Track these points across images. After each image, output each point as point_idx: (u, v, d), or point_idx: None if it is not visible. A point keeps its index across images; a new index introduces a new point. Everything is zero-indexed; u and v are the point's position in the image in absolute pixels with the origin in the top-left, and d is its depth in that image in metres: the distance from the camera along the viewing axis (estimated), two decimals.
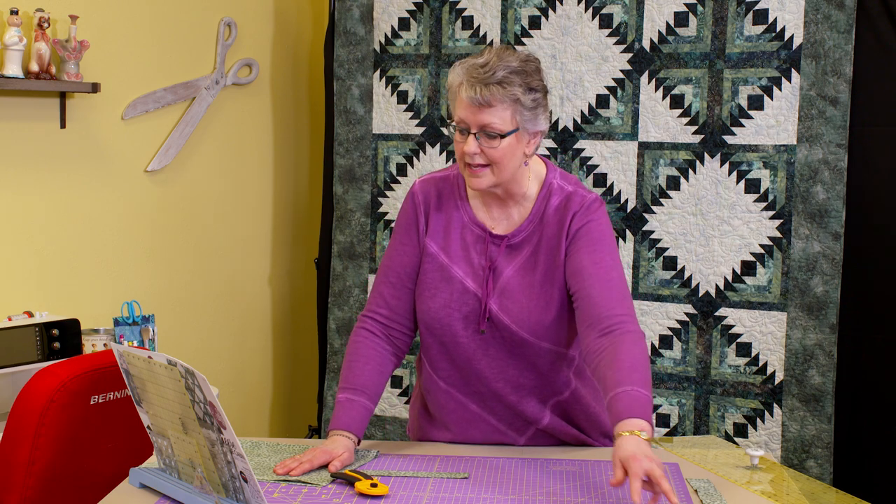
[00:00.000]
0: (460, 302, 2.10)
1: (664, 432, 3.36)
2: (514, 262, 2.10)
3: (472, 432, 2.18)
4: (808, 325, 3.16)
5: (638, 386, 1.85)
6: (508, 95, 1.96)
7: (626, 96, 3.35)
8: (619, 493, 1.87)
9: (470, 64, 1.99)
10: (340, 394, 2.11)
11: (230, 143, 3.90)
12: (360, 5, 3.71)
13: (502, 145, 1.98)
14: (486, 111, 1.96)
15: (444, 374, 2.16)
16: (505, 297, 2.08)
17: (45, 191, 3.23)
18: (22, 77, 3.02)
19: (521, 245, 2.10)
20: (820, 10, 3.09)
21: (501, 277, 2.09)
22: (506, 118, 1.97)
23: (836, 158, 3.10)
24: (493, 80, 1.95)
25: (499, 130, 1.97)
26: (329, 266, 3.82)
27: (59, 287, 3.29)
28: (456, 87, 2.00)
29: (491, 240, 2.11)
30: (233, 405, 3.89)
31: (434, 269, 2.13)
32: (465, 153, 1.99)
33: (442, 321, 2.10)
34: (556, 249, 2.07)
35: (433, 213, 2.15)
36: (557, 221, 2.08)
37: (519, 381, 2.13)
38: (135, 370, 1.86)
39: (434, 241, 2.14)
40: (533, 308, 2.07)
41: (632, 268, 3.37)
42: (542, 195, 2.10)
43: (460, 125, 1.99)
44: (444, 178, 2.18)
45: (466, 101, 1.97)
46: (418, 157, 3.67)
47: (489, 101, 1.95)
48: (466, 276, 2.10)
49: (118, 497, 1.89)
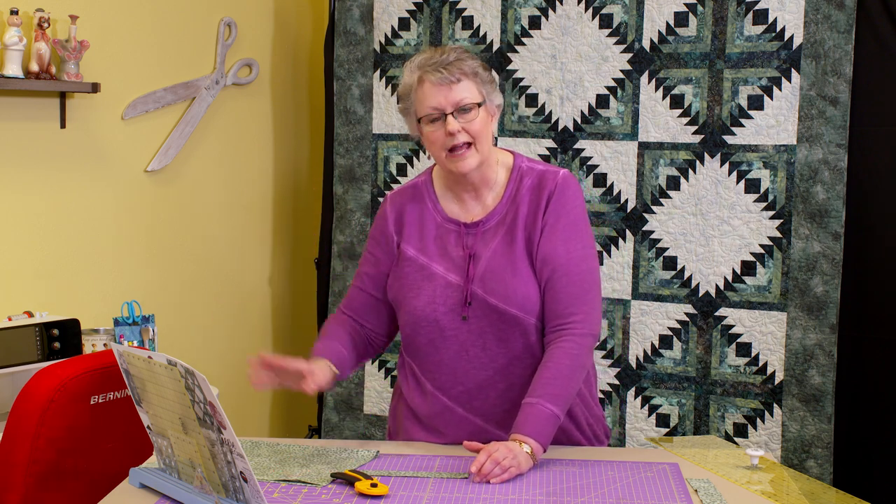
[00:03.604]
0: (444, 296, 2.14)
1: (664, 432, 3.37)
2: (491, 244, 2.15)
3: (457, 434, 2.18)
4: (808, 325, 3.16)
5: (546, 401, 2.03)
6: (469, 68, 2.10)
7: (626, 96, 3.35)
8: (619, 494, 1.88)
9: (420, 59, 2.13)
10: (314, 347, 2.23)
11: (230, 143, 3.90)
12: (360, 5, 3.71)
13: (478, 118, 2.10)
14: (455, 88, 2.08)
15: (432, 377, 2.19)
16: (488, 279, 2.13)
17: (45, 191, 3.23)
18: (22, 77, 3.02)
19: (497, 227, 2.17)
20: (820, 10, 3.09)
21: (481, 262, 2.14)
22: (473, 90, 2.10)
23: (836, 158, 3.10)
24: (450, 61, 2.09)
25: (472, 102, 2.09)
26: (329, 266, 3.82)
27: (59, 287, 3.29)
28: (415, 85, 2.12)
29: (466, 230, 2.18)
30: (233, 405, 3.89)
31: (414, 270, 2.19)
32: (448, 134, 2.09)
33: (428, 317, 2.15)
34: (533, 226, 2.14)
35: (407, 221, 2.23)
36: (533, 199, 2.16)
37: (509, 369, 2.15)
38: (135, 370, 1.86)
39: (410, 245, 2.21)
40: (518, 284, 2.11)
41: (632, 268, 3.37)
42: (514, 177, 2.19)
43: (433, 113, 2.09)
44: (414, 186, 2.28)
45: (436, 85, 2.08)
46: (418, 157, 3.67)
47: (457, 77, 2.08)
48: (448, 271, 2.16)
49: (118, 497, 1.89)
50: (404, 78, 2.14)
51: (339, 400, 3.80)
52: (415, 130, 2.17)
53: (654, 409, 3.38)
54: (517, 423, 2.03)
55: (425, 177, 2.27)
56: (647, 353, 3.37)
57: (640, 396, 3.39)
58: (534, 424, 2.01)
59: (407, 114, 2.17)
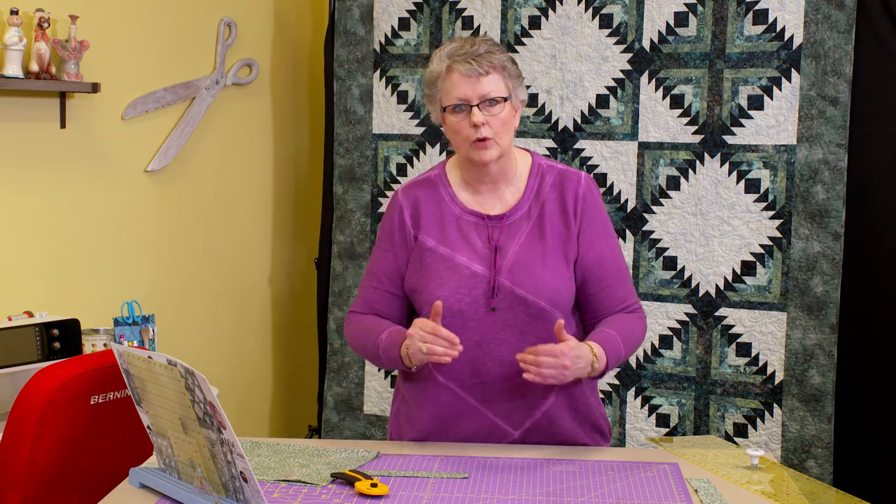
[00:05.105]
0: (469, 286, 2.14)
1: (664, 432, 3.37)
2: (517, 237, 2.17)
3: (463, 424, 2.18)
4: (808, 325, 3.16)
5: (621, 338, 2.14)
6: (498, 62, 2.11)
7: (626, 96, 3.35)
8: (619, 494, 1.88)
9: (451, 48, 2.13)
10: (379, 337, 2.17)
11: (230, 143, 3.90)
12: (360, 5, 3.71)
13: (503, 112, 2.11)
14: (483, 80, 2.09)
15: (447, 369, 2.16)
16: (517, 271, 2.13)
17: (45, 191, 3.23)
18: (22, 77, 3.02)
19: (522, 221, 2.18)
20: (820, 10, 3.09)
21: (508, 254, 2.15)
22: (500, 84, 2.11)
23: (836, 158, 3.10)
24: (480, 52, 2.10)
25: (499, 96, 2.10)
26: (329, 266, 3.82)
27: (59, 287, 3.29)
28: (443, 74, 2.12)
29: (490, 222, 2.18)
30: (233, 405, 3.89)
31: (436, 261, 2.17)
32: (473, 125, 2.10)
33: (452, 307, 2.13)
34: (563, 224, 2.18)
35: (423, 212, 2.21)
36: (557, 197, 2.19)
37: None
38: (135, 370, 1.86)
39: (430, 237, 2.19)
40: (549, 278, 2.13)
41: (632, 268, 3.37)
42: (535, 172, 2.22)
43: (460, 103, 2.10)
44: (426, 180, 2.27)
45: (463, 77, 2.09)
46: (418, 157, 3.67)
47: (486, 70, 2.09)
48: (472, 262, 2.15)
49: (118, 497, 1.89)
50: (432, 65, 2.14)
51: (339, 400, 3.80)
52: (438, 118, 2.18)
53: (654, 409, 3.38)
54: (594, 336, 2.12)
55: (438, 170, 2.27)
56: (647, 353, 3.37)
57: (640, 396, 3.39)
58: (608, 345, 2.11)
59: (431, 101, 2.17)
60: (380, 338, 2.17)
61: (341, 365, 3.78)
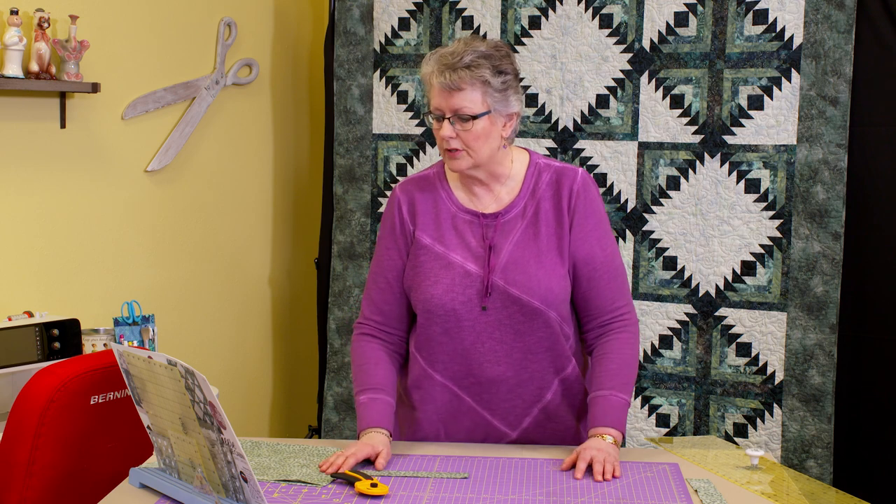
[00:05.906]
0: (463, 285, 2.13)
1: (664, 432, 3.37)
2: (511, 236, 2.16)
3: (460, 424, 2.19)
4: (808, 325, 3.16)
5: (617, 391, 2.11)
6: (477, 77, 2.05)
7: (626, 96, 3.35)
8: (619, 493, 1.88)
9: (440, 53, 2.09)
10: (361, 396, 2.16)
11: (230, 143, 3.90)
12: (360, 5, 3.71)
13: (475, 128, 2.07)
14: (456, 95, 2.05)
15: (442, 367, 2.17)
16: (510, 270, 2.13)
17: (45, 191, 3.23)
18: (22, 77, 3.02)
19: (517, 219, 2.17)
20: (820, 10, 3.09)
21: (502, 253, 2.14)
22: (476, 100, 2.06)
23: (836, 158, 3.10)
24: (461, 65, 2.05)
25: (470, 113, 2.06)
26: (329, 266, 3.82)
27: (59, 287, 3.29)
28: (429, 77, 2.10)
29: (484, 220, 2.17)
30: (233, 405, 3.89)
31: (431, 258, 2.17)
32: (441, 138, 2.08)
33: (445, 306, 2.13)
34: (557, 222, 2.16)
35: (419, 210, 2.21)
36: (553, 195, 2.17)
37: (524, 364, 2.15)
38: (135, 370, 1.86)
39: (426, 234, 2.19)
40: (542, 276, 2.12)
41: (632, 268, 3.37)
42: (531, 172, 2.19)
43: (435, 112, 2.09)
44: (424, 177, 2.26)
45: (438, 88, 2.07)
46: (418, 157, 3.67)
47: (458, 85, 2.04)
48: (466, 260, 2.15)
49: (118, 497, 1.89)
50: (424, 65, 2.13)
51: (339, 400, 3.80)
52: None
53: (654, 409, 3.38)
54: (594, 416, 2.09)
55: (437, 168, 2.26)
56: (647, 353, 3.37)
57: (640, 396, 3.39)
58: (612, 415, 2.09)
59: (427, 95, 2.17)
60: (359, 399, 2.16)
61: (341, 365, 3.78)
